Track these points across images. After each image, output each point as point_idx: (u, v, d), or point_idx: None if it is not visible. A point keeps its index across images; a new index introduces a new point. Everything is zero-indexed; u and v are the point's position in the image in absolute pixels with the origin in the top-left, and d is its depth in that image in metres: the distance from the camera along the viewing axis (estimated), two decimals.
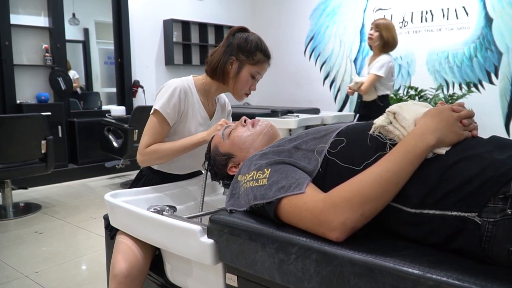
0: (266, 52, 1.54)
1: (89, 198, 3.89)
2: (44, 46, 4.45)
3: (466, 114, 0.87)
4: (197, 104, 1.54)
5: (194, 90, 1.54)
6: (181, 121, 1.51)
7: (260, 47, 1.52)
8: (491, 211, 0.71)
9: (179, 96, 1.47)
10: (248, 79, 1.53)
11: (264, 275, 0.90)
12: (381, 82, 3.30)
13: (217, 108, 1.66)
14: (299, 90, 6.28)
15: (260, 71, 1.55)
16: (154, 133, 1.46)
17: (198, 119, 1.54)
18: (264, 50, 1.53)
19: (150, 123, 1.47)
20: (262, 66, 1.54)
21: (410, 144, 0.81)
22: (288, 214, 0.88)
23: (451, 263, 0.71)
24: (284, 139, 1.09)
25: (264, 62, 1.54)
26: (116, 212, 1.32)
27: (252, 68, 1.52)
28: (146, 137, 1.46)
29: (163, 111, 1.45)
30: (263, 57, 1.53)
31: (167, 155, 1.46)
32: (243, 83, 1.53)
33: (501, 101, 4.56)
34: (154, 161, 1.49)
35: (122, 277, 1.23)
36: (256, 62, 1.51)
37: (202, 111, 1.56)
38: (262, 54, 1.52)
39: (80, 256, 2.55)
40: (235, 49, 1.50)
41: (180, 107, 1.48)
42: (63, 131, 4.43)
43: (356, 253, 0.76)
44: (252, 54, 1.50)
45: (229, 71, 1.52)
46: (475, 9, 4.60)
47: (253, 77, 1.54)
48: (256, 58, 1.51)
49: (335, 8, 5.76)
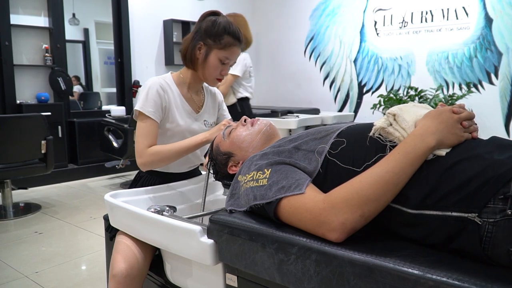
0: (235, 35, 1.46)
1: (89, 198, 3.89)
2: (44, 46, 4.45)
3: (467, 116, 0.87)
4: (178, 98, 1.52)
5: (173, 85, 1.52)
6: (167, 117, 1.49)
7: (228, 29, 1.45)
8: (491, 211, 0.71)
9: (157, 92, 1.44)
10: (216, 64, 1.47)
11: (264, 276, 0.91)
12: (238, 82, 3.11)
13: (206, 99, 1.63)
14: (299, 91, 6.28)
15: (229, 55, 1.48)
16: (146, 134, 1.42)
17: (183, 113, 1.52)
18: (233, 32, 1.46)
19: (139, 126, 1.44)
20: (231, 50, 1.47)
21: (410, 146, 0.82)
22: (288, 214, 0.88)
23: (451, 264, 0.71)
24: (284, 139, 1.09)
25: (233, 45, 1.47)
26: (116, 212, 1.32)
27: (220, 52, 1.46)
28: (141, 139, 1.42)
29: (145, 110, 1.42)
30: (232, 40, 1.46)
31: (170, 157, 1.42)
32: (211, 68, 1.48)
33: (501, 101, 4.56)
34: (157, 163, 1.43)
35: (122, 277, 1.23)
36: (224, 46, 1.45)
37: (185, 105, 1.53)
38: (231, 37, 1.45)
39: (80, 256, 2.55)
40: (203, 33, 1.46)
41: (162, 103, 1.45)
42: (63, 131, 4.43)
43: (356, 253, 0.76)
44: (219, 38, 1.44)
45: (198, 56, 1.48)
46: (475, 9, 4.60)
47: (222, 62, 1.48)
48: (224, 41, 1.45)
49: (335, 9, 5.76)
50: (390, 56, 5.31)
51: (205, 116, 1.60)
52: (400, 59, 5.22)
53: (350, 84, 5.74)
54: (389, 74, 5.35)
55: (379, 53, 5.40)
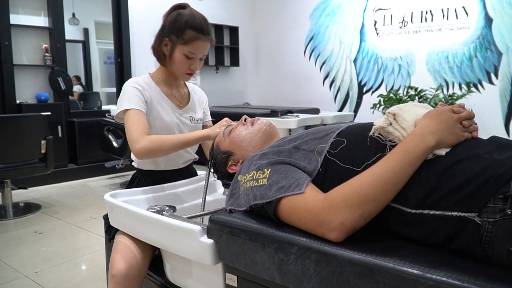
0: (199, 28, 1.41)
1: (89, 198, 3.89)
2: (44, 46, 4.45)
3: (467, 115, 0.87)
4: (159, 95, 1.51)
5: (152, 83, 1.52)
6: (151, 112, 1.48)
7: (191, 24, 1.40)
8: (491, 211, 0.71)
9: (134, 88, 1.44)
10: (182, 59, 1.44)
11: (264, 275, 0.90)
12: None
13: (192, 96, 1.63)
14: (299, 90, 6.28)
15: (194, 50, 1.43)
16: (136, 123, 1.37)
17: (167, 108, 1.52)
18: (196, 26, 1.41)
19: (127, 120, 1.40)
20: (195, 44, 1.42)
21: (410, 145, 0.81)
22: (287, 214, 0.88)
23: (451, 263, 0.71)
24: (284, 139, 1.09)
25: (197, 39, 1.42)
26: (116, 212, 1.32)
27: (184, 48, 1.42)
28: (133, 128, 1.36)
29: (126, 106, 1.41)
30: (195, 34, 1.41)
31: (169, 146, 1.37)
32: (178, 64, 1.46)
33: (501, 101, 4.56)
34: (155, 151, 1.35)
35: (121, 277, 1.23)
36: (187, 41, 1.41)
37: (167, 101, 1.53)
38: (193, 31, 1.40)
39: (79, 256, 2.55)
40: (167, 29, 1.43)
41: (143, 95, 1.44)
42: (63, 131, 4.43)
43: (355, 253, 0.76)
44: (182, 33, 1.41)
45: (165, 52, 1.47)
46: (475, 9, 4.60)
47: (188, 57, 1.44)
48: (186, 36, 1.41)
49: (335, 8, 5.76)
50: (390, 56, 5.31)
51: (191, 112, 1.60)
52: (400, 58, 5.22)
53: (350, 84, 5.74)
54: (389, 73, 5.35)
55: (379, 53, 5.40)
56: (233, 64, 6.36)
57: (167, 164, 1.57)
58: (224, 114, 4.74)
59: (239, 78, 6.59)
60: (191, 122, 1.58)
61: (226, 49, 6.26)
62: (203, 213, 1.33)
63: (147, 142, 1.33)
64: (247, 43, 6.58)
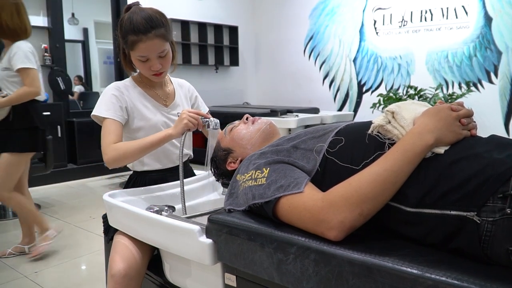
0: (136, 30, 1.33)
1: (88, 198, 3.89)
2: (43, 46, 4.45)
3: (465, 113, 0.87)
4: (142, 96, 1.51)
5: (134, 86, 1.52)
6: (134, 116, 1.48)
7: (129, 28, 1.34)
8: (490, 210, 0.71)
9: (112, 95, 1.44)
10: (139, 64, 1.43)
11: (263, 275, 0.90)
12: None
13: (177, 92, 1.62)
14: (299, 90, 6.28)
15: (142, 53, 1.37)
16: (107, 132, 1.39)
17: (151, 108, 1.51)
18: (133, 29, 1.33)
19: (102, 128, 1.42)
20: (139, 47, 1.36)
21: (409, 143, 0.81)
22: (286, 213, 0.87)
23: (450, 263, 0.71)
24: (283, 138, 1.09)
25: (139, 41, 1.34)
26: (115, 212, 1.32)
27: (133, 53, 1.39)
28: (103, 138, 1.39)
29: (102, 113, 1.41)
30: (135, 38, 1.34)
31: (133, 152, 1.35)
32: (139, 68, 1.46)
33: (501, 100, 4.56)
34: (122, 159, 1.35)
35: (120, 277, 1.23)
36: (131, 46, 1.37)
37: (151, 101, 1.52)
38: (133, 34, 1.34)
39: (79, 256, 2.55)
40: (119, 38, 1.42)
41: (120, 104, 1.44)
42: (62, 131, 4.43)
43: (354, 252, 0.76)
44: (126, 40, 1.37)
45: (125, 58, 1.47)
46: (475, 8, 4.60)
47: (141, 61, 1.41)
48: (129, 41, 1.36)
49: (335, 8, 5.75)
50: (390, 55, 5.30)
51: (178, 108, 1.59)
52: (400, 58, 5.22)
53: (349, 83, 5.74)
54: (388, 73, 5.35)
55: (379, 52, 5.40)
56: (233, 64, 6.35)
57: (160, 163, 1.56)
58: (224, 114, 4.75)
59: (239, 78, 6.59)
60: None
61: (225, 49, 6.26)
62: (202, 213, 1.33)
63: (111, 151, 1.34)
64: (246, 42, 6.58)
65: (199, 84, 5.83)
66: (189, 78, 2.03)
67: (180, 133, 1.35)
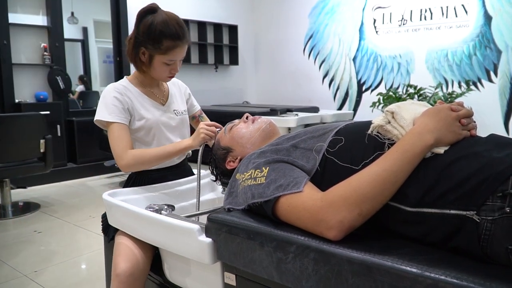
0: (175, 36, 1.39)
1: (88, 197, 3.88)
2: (42, 45, 4.44)
3: (465, 113, 0.87)
4: (139, 96, 1.51)
5: (131, 86, 1.52)
6: (134, 116, 1.48)
7: (166, 33, 1.38)
8: (489, 209, 0.71)
9: (114, 98, 1.44)
10: (161, 67, 1.45)
11: (263, 274, 0.90)
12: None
13: (171, 89, 1.63)
14: (298, 89, 6.28)
15: (173, 57, 1.43)
16: (118, 137, 1.41)
17: (149, 107, 1.52)
18: (171, 34, 1.39)
19: (110, 133, 1.43)
20: (173, 52, 1.42)
21: (409, 143, 0.81)
22: (286, 212, 0.87)
23: (449, 262, 0.71)
24: (283, 138, 1.09)
25: (175, 47, 1.41)
26: (114, 211, 1.32)
27: (163, 57, 1.42)
28: (116, 143, 1.41)
29: (107, 118, 1.42)
30: (172, 43, 1.40)
31: (152, 161, 1.42)
32: (158, 71, 1.47)
33: (500, 99, 4.56)
34: (139, 166, 1.43)
35: (125, 276, 1.23)
36: (165, 51, 1.40)
37: (148, 100, 1.53)
38: (170, 40, 1.39)
39: (79, 255, 2.55)
40: (142, 39, 1.40)
41: (123, 106, 1.45)
42: (62, 130, 4.42)
43: (354, 251, 0.76)
44: (159, 44, 1.39)
45: (143, 60, 1.46)
46: (474, 7, 4.60)
47: (167, 64, 1.45)
48: (164, 47, 1.39)
49: (334, 7, 5.75)
50: (389, 54, 5.30)
51: (174, 106, 1.60)
52: (399, 57, 5.21)
53: (349, 82, 5.73)
54: (388, 72, 5.34)
55: (378, 51, 5.40)
56: (232, 63, 6.35)
57: None
58: (223, 113, 4.75)
59: (238, 77, 6.58)
60: (176, 115, 1.59)
61: (225, 48, 6.25)
62: (202, 212, 1.33)
63: (129, 158, 1.39)
64: (246, 41, 6.57)
65: (198, 83, 5.84)
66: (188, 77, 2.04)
67: (198, 145, 1.41)
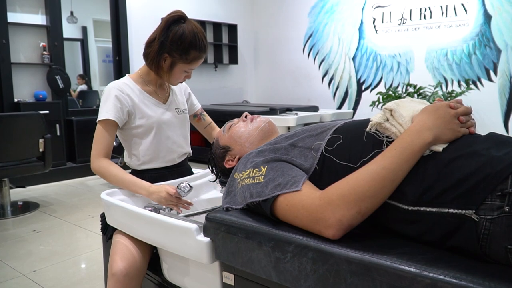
0: (202, 48, 1.46)
1: (87, 197, 3.88)
2: (41, 44, 4.44)
3: (464, 111, 0.87)
4: (141, 95, 1.52)
5: (133, 85, 1.52)
6: (135, 115, 1.49)
7: (195, 44, 1.44)
8: (488, 208, 0.71)
9: (116, 97, 1.45)
10: (180, 74, 1.50)
11: (261, 274, 0.90)
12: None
13: (172, 88, 1.64)
14: (298, 88, 6.27)
15: (194, 67, 1.50)
16: (98, 139, 1.44)
17: (151, 105, 1.53)
18: (199, 46, 1.45)
19: (97, 131, 1.44)
20: (196, 62, 1.49)
21: (407, 141, 0.81)
22: (284, 211, 0.87)
23: (448, 261, 0.71)
24: (281, 137, 1.08)
25: (199, 58, 1.48)
26: (113, 211, 1.32)
27: (185, 66, 1.47)
28: (94, 144, 1.44)
29: (109, 116, 1.43)
30: (198, 54, 1.46)
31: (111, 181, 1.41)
32: (175, 78, 1.51)
33: (500, 98, 4.55)
34: (102, 176, 1.44)
35: (121, 276, 1.23)
36: (190, 61, 1.46)
37: (151, 99, 1.54)
38: (197, 51, 1.45)
39: (78, 254, 2.55)
40: (169, 46, 1.43)
41: (122, 107, 1.45)
42: (61, 130, 4.42)
43: (352, 251, 0.75)
44: (186, 54, 1.44)
45: (163, 65, 1.47)
46: (474, 6, 4.59)
47: (186, 72, 1.51)
48: (190, 57, 1.45)
49: (334, 6, 5.74)
50: (389, 53, 5.30)
51: (174, 104, 1.61)
52: (399, 56, 5.21)
53: (349, 82, 5.73)
54: (388, 71, 5.34)
55: (378, 50, 5.39)
56: (232, 62, 6.34)
57: (162, 160, 1.56)
58: (223, 112, 4.75)
59: (238, 76, 6.58)
60: (178, 113, 1.60)
61: (224, 47, 6.25)
62: (200, 211, 1.33)
63: (96, 166, 1.42)
64: (245, 40, 6.56)
65: (198, 83, 5.83)
66: None
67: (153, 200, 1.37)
